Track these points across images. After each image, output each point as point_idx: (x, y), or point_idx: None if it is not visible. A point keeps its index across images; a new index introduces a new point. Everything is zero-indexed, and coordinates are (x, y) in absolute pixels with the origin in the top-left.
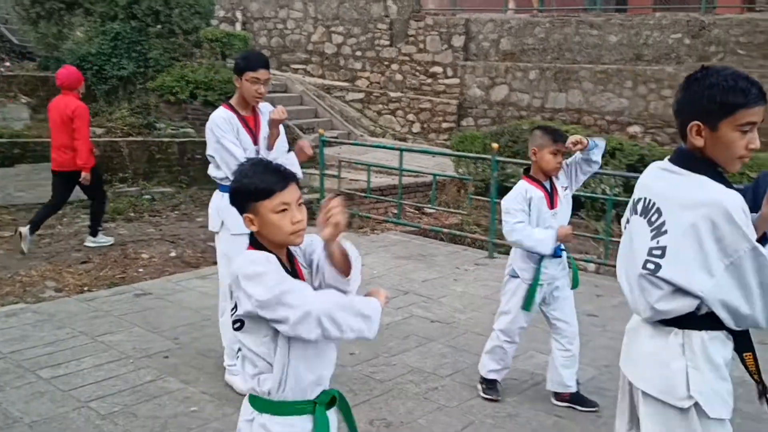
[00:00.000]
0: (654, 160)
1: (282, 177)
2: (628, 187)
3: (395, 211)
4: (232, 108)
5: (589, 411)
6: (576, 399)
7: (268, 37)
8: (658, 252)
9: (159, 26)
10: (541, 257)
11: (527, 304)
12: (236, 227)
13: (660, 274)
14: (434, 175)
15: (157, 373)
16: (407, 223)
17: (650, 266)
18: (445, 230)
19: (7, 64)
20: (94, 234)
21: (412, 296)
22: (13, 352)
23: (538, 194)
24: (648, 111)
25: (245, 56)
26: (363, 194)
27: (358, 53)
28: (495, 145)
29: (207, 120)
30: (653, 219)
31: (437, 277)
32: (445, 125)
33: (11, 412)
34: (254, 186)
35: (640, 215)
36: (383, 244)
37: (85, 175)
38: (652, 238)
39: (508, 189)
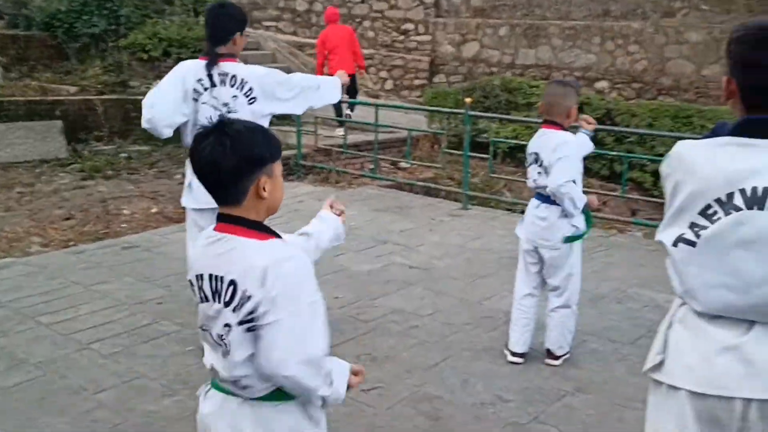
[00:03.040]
0: (620, 115)
1: None
2: (594, 140)
3: (371, 167)
4: None
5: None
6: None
7: None
8: None
9: None
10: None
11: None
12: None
13: None
14: (409, 130)
15: (153, 317)
16: (383, 177)
17: None
18: (420, 183)
19: None
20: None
21: (390, 245)
22: (10, 300)
23: None
24: (615, 67)
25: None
26: (340, 149)
27: None
28: (468, 99)
29: None
30: None
31: (414, 228)
32: (417, 82)
33: (17, 354)
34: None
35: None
36: (360, 198)
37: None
38: None
39: (480, 144)
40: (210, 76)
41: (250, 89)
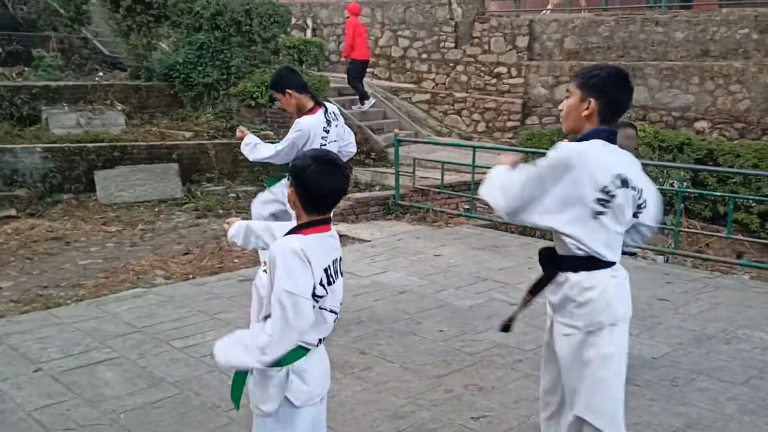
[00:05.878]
0: (723, 155)
1: None
2: (696, 182)
3: (466, 206)
4: None
5: None
6: None
7: (337, 42)
8: None
9: (240, 36)
10: None
11: None
12: None
13: None
14: None
15: None
16: (479, 217)
17: None
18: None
19: (101, 74)
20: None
21: (490, 282)
22: (146, 326)
23: None
24: (715, 106)
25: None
26: (437, 190)
27: (424, 56)
28: (566, 140)
29: (285, 122)
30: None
31: (512, 266)
32: (509, 124)
33: (156, 374)
34: None
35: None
36: (458, 237)
37: None
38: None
39: None
40: (328, 120)
41: (340, 122)
